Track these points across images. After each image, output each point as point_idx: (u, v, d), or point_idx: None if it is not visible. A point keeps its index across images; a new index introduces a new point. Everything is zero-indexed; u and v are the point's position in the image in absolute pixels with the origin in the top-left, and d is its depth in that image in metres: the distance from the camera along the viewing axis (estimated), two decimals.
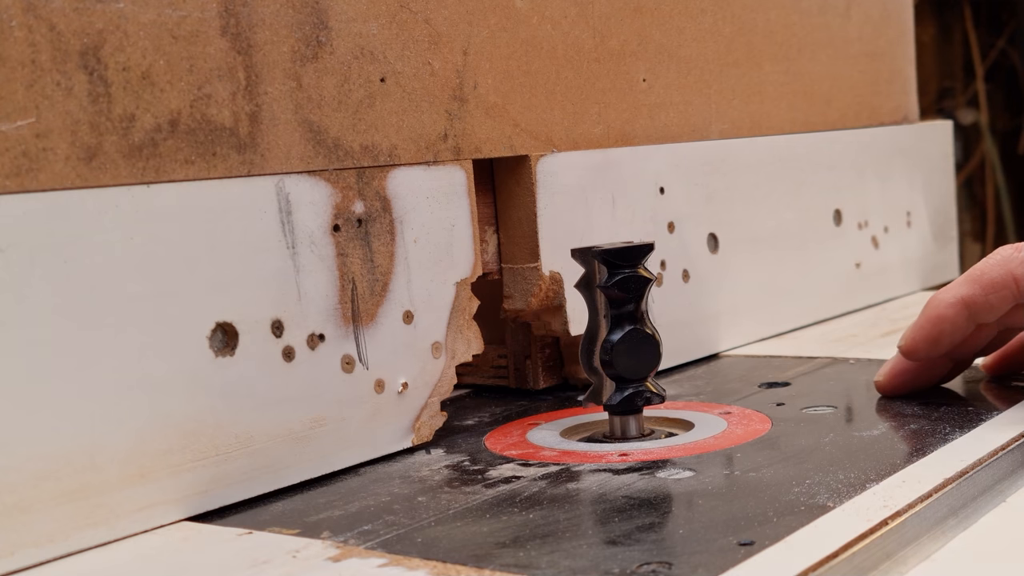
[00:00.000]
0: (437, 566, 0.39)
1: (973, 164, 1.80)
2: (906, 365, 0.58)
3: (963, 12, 1.78)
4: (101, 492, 0.43)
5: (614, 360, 0.52)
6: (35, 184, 0.42)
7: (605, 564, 0.38)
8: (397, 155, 0.54)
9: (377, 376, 0.53)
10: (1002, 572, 0.37)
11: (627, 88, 0.68)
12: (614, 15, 0.67)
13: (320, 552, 0.41)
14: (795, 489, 0.44)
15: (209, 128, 0.47)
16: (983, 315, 0.55)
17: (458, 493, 0.47)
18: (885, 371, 0.58)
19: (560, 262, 0.62)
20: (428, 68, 0.56)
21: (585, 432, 0.57)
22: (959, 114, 1.78)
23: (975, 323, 0.56)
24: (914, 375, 0.58)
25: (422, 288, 0.55)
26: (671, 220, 0.70)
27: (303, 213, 0.50)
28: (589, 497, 0.46)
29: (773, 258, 0.78)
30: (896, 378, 0.58)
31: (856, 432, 0.52)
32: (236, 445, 0.48)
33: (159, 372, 0.45)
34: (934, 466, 0.45)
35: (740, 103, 0.76)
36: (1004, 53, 1.81)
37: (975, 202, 1.82)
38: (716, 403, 0.60)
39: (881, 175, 0.90)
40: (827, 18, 0.85)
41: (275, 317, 0.49)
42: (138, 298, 0.44)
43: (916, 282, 0.94)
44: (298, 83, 0.50)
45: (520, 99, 0.61)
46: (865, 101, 0.89)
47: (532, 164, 0.61)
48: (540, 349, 0.67)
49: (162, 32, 0.45)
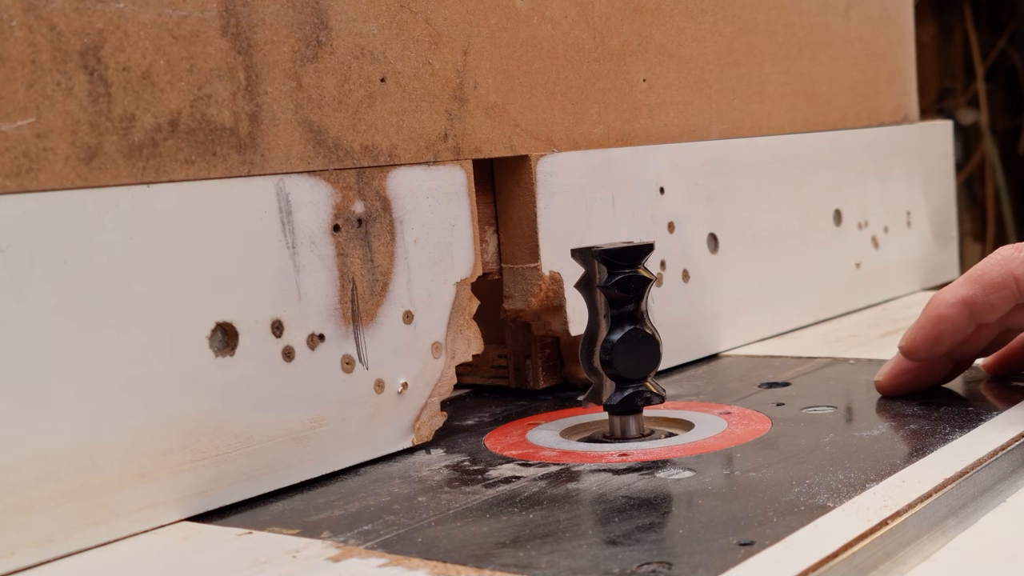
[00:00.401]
0: (437, 566, 0.39)
1: (973, 164, 1.80)
2: (907, 365, 0.58)
3: (963, 12, 1.78)
4: (101, 492, 0.43)
5: (614, 360, 0.52)
6: (35, 184, 0.42)
7: (605, 564, 0.38)
8: (397, 155, 0.54)
9: (377, 376, 0.53)
10: (1002, 572, 0.37)
11: (627, 88, 0.68)
12: (614, 15, 0.67)
13: (320, 552, 0.41)
14: (795, 489, 0.44)
15: (209, 128, 0.47)
16: (984, 315, 0.55)
17: (458, 493, 0.47)
18: (885, 371, 0.58)
19: (560, 262, 0.62)
20: (428, 68, 0.56)
21: (585, 432, 0.57)
22: (959, 114, 1.78)
23: (976, 323, 0.55)
24: (915, 375, 0.58)
25: (422, 288, 0.55)
26: (671, 220, 0.70)
27: (303, 213, 0.50)
28: (589, 497, 0.46)
29: (773, 258, 0.78)
30: (897, 378, 0.58)
31: (856, 432, 0.52)
32: (236, 445, 0.48)
33: (159, 372, 0.45)
34: (934, 466, 0.45)
35: (740, 103, 0.76)
36: (1004, 53, 1.81)
37: (975, 202, 1.82)
38: (716, 403, 0.60)
39: (881, 175, 0.90)
40: (827, 18, 0.85)
41: (275, 317, 0.49)
42: (138, 298, 0.44)
43: (916, 282, 0.94)
44: (298, 83, 0.50)
45: (520, 99, 0.61)
46: (865, 101, 0.89)
47: (532, 164, 0.61)
48: (540, 349, 0.67)
49: (162, 32, 0.45)
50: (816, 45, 0.84)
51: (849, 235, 0.86)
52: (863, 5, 0.89)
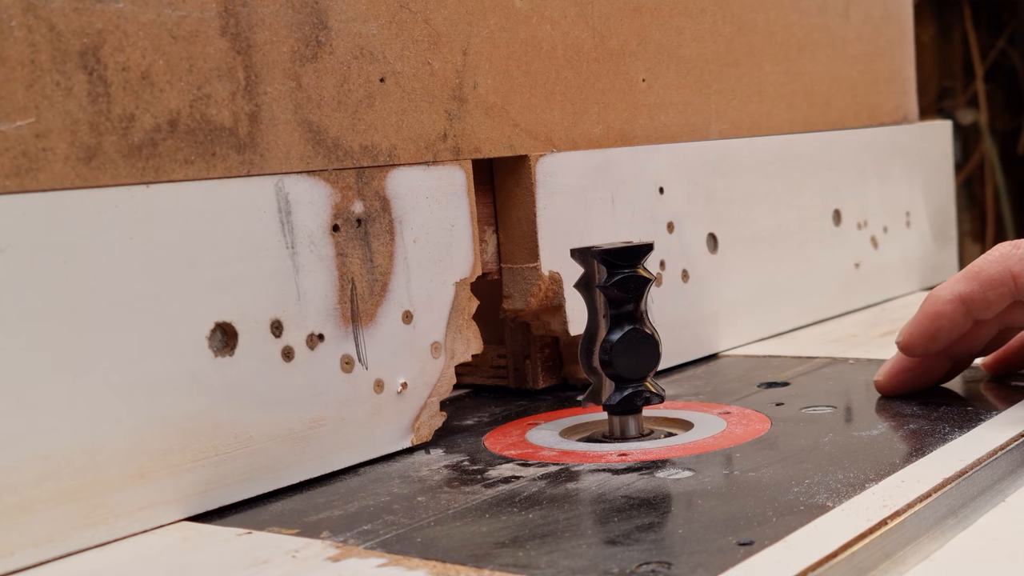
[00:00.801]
0: (436, 566, 0.39)
1: (973, 164, 1.80)
2: (906, 364, 0.58)
3: (963, 12, 1.78)
4: (101, 492, 0.43)
5: (613, 360, 0.52)
6: (35, 184, 0.42)
7: (604, 564, 0.38)
8: (396, 155, 0.54)
9: (376, 376, 0.53)
10: (1002, 572, 0.37)
11: (626, 88, 0.68)
12: (614, 15, 0.67)
13: (319, 552, 0.41)
14: (794, 489, 0.44)
15: (209, 128, 0.47)
16: (981, 311, 0.55)
17: (457, 493, 0.47)
18: (885, 371, 0.58)
19: (559, 262, 0.62)
20: (428, 68, 0.56)
21: (584, 432, 0.57)
22: (959, 114, 1.78)
23: (973, 319, 0.56)
24: (914, 375, 0.58)
25: (421, 288, 0.55)
26: (670, 220, 0.70)
27: (302, 213, 0.50)
28: (588, 497, 0.46)
29: (772, 258, 0.78)
30: (896, 377, 0.58)
31: (855, 432, 0.52)
32: (236, 445, 0.48)
33: (159, 372, 0.45)
34: (933, 466, 0.45)
35: (740, 103, 0.76)
36: (1004, 53, 1.81)
37: (975, 202, 1.82)
38: (715, 403, 0.60)
39: (880, 175, 0.90)
40: (827, 18, 0.85)
41: (274, 317, 0.49)
42: (138, 298, 0.44)
43: (915, 282, 0.94)
44: (298, 83, 0.50)
45: (520, 99, 0.61)
46: (864, 101, 0.89)
47: (531, 164, 0.61)
48: (539, 349, 0.67)
49: (162, 32, 0.45)
50: (815, 45, 0.84)
51: (848, 235, 0.86)
52: (862, 5, 0.89)
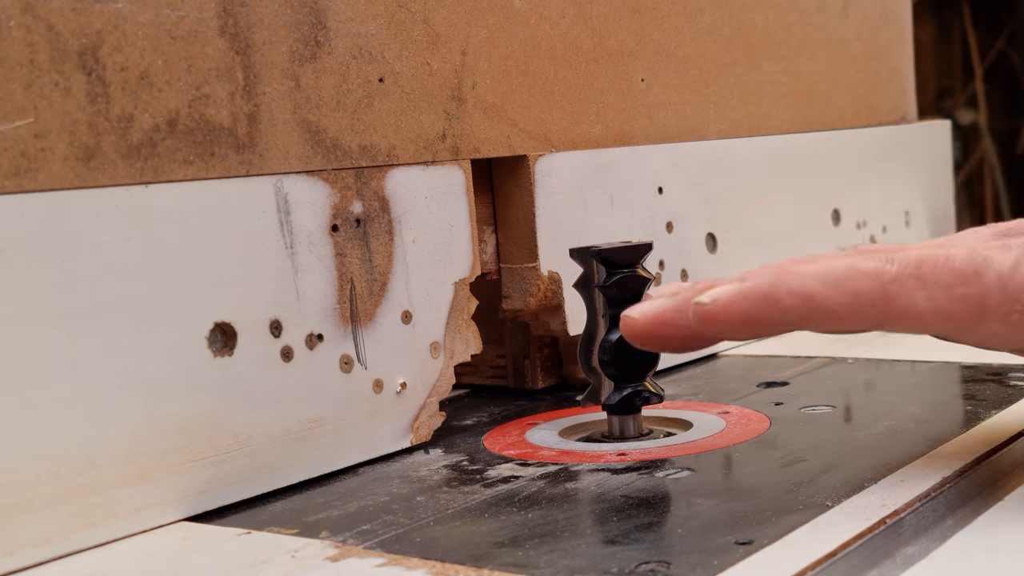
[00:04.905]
0: (436, 566, 0.39)
1: (972, 164, 1.80)
2: (680, 320, 0.42)
3: (962, 12, 1.79)
4: (100, 492, 0.43)
5: (612, 360, 0.52)
6: (33, 184, 0.42)
7: (604, 563, 0.38)
8: (395, 155, 0.54)
9: (376, 376, 0.53)
10: (1001, 572, 0.37)
11: (625, 88, 0.68)
12: (612, 15, 0.67)
13: (319, 552, 0.41)
14: (793, 488, 0.44)
15: (207, 128, 0.47)
16: (825, 327, 0.41)
17: (457, 493, 0.47)
18: (647, 312, 0.43)
19: (558, 262, 0.62)
20: (426, 68, 0.56)
21: (584, 432, 0.57)
22: (958, 114, 1.78)
23: (812, 328, 0.42)
24: (681, 337, 0.43)
25: (421, 288, 0.55)
26: (669, 220, 0.70)
27: (301, 213, 0.50)
28: (587, 497, 0.46)
29: (772, 258, 0.78)
30: (657, 328, 0.43)
31: (855, 431, 0.52)
32: (235, 445, 0.48)
33: (158, 372, 0.45)
34: (933, 466, 0.45)
35: (738, 103, 0.76)
36: (1003, 53, 1.81)
37: (974, 202, 1.82)
38: (714, 403, 0.60)
39: (880, 175, 0.90)
40: (825, 18, 0.85)
41: (273, 317, 0.49)
42: (137, 298, 0.44)
43: None
44: (296, 83, 0.50)
45: (518, 99, 0.61)
46: (863, 101, 0.89)
47: (530, 164, 0.61)
48: (539, 349, 0.67)
49: (160, 32, 0.45)
50: (814, 45, 0.84)
51: (847, 234, 0.86)
52: (861, 5, 0.89)
